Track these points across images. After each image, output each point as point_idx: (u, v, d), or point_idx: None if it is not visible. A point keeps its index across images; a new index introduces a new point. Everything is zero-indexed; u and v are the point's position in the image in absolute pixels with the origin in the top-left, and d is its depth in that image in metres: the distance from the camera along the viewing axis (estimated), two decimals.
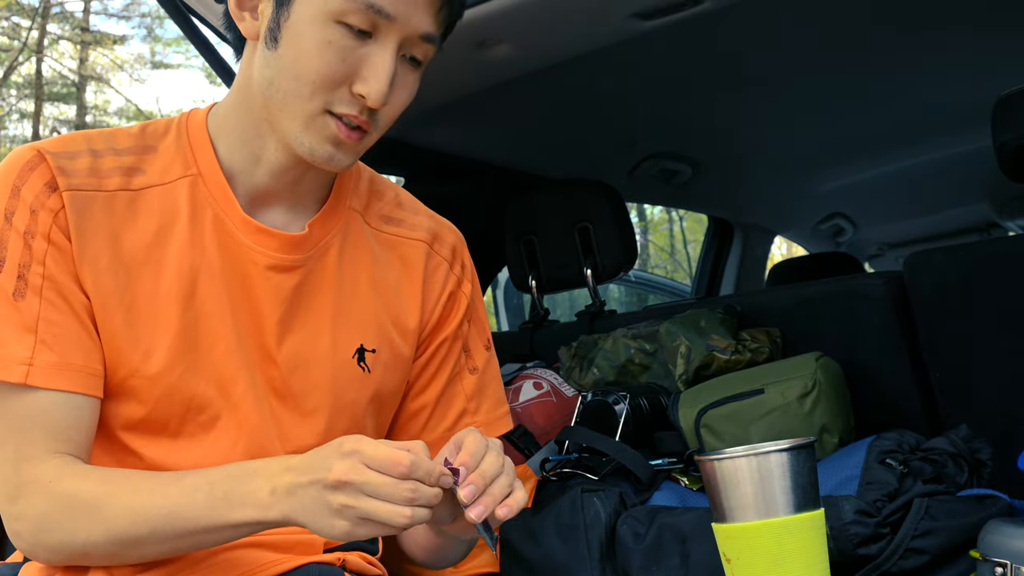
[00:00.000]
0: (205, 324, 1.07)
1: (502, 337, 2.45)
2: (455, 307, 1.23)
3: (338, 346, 1.13)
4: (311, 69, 1.01)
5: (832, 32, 2.03)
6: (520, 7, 1.53)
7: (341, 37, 1.01)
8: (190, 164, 1.10)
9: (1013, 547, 1.07)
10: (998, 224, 4.03)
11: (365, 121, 1.05)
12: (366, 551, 1.17)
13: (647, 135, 2.58)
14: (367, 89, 1.02)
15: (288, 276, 1.11)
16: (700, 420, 1.52)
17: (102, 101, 16.53)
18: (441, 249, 1.24)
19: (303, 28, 1.02)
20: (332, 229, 1.15)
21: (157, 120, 1.15)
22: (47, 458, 0.99)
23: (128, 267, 1.05)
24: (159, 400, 1.05)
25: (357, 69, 1.02)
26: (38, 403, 1.00)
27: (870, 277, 1.74)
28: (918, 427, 1.46)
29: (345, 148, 1.06)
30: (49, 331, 1.00)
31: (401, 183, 2.35)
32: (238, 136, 1.11)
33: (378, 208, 1.22)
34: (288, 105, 1.04)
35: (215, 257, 1.08)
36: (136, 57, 16.66)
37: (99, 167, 1.06)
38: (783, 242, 6.96)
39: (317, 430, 1.12)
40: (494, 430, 1.26)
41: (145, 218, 1.07)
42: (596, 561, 1.33)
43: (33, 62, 15.06)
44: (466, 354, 1.25)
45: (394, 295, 1.19)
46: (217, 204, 1.09)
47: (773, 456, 0.97)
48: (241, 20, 1.08)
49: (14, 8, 14.41)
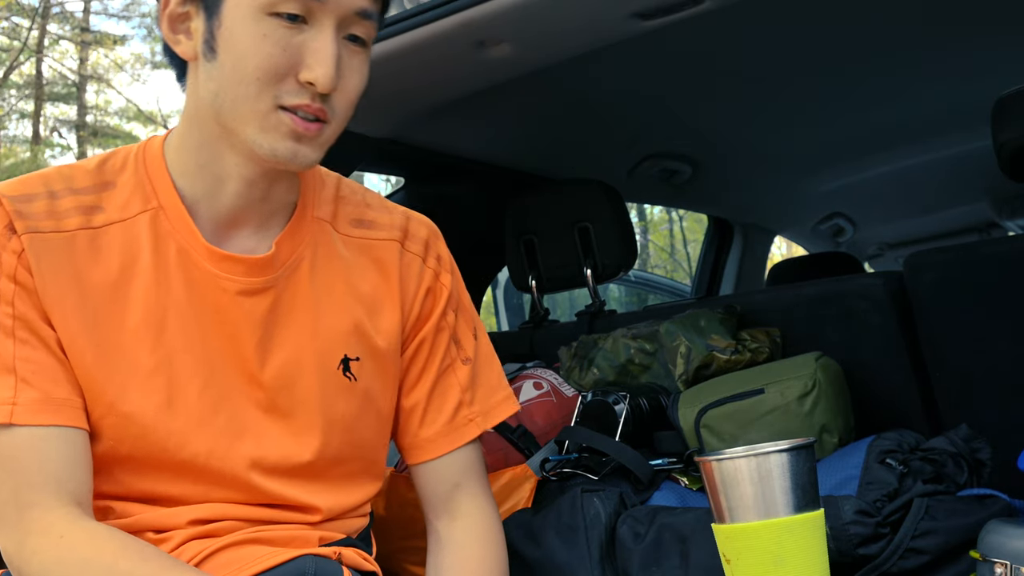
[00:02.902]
0: (180, 360, 1.07)
1: (502, 337, 2.45)
2: (435, 300, 1.23)
3: (322, 360, 1.13)
4: (252, 66, 1.00)
5: (832, 32, 2.03)
6: (520, 7, 1.52)
7: (276, 28, 1.00)
8: (150, 198, 1.09)
9: (1013, 547, 1.07)
10: (998, 224, 4.03)
11: (320, 109, 1.03)
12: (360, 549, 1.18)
13: (647, 135, 2.58)
14: (313, 75, 1.00)
15: (260, 298, 1.10)
16: (700, 420, 1.52)
17: (103, 101, 16.53)
18: (413, 245, 1.23)
19: (237, 29, 1.00)
20: (301, 243, 1.15)
21: (115, 152, 1.14)
22: (54, 506, 0.99)
23: (95, 307, 1.05)
24: (136, 440, 1.06)
25: (299, 57, 1.01)
26: (28, 442, 1.00)
27: (870, 277, 1.74)
28: (918, 427, 1.46)
29: (306, 142, 1.04)
30: (27, 369, 1.01)
31: (401, 183, 2.35)
32: (195, 161, 1.09)
33: (346, 213, 1.21)
34: (238, 110, 1.02)
35: (182, 291, 1.08)
36: (136, 57, 16.67)
37: (56, 208, 1.06)
38: (783, 242, 6.96)
39: (312, 446, 1.13)
40: (493, 417, 1.26)
41: (107, 256, 1.07)
42: (596, 561, 1.33)
43: (33, 62, 15.06)
44: (457, 345, 1.25)
45: (371, 299, 1.18)
46: (180, 236, 1.09)
47: (773, 456, 0.97)
48: (177, 44, 1.07)
49: (14, 8, 14.40)
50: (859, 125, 2.76)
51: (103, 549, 0.98)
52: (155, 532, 1.07)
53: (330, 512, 1.16)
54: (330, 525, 1.16)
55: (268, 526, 1.11)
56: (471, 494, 1.23)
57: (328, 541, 1.13)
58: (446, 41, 1.60)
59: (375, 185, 13.51)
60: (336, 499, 1.16)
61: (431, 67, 1.72)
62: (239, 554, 1.06)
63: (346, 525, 1.19)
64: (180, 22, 1.06)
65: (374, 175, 9.79)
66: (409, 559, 1.46)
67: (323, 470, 1.14)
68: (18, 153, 15.03)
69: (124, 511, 1.08)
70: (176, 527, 1.08)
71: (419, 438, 1.23)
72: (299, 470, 1.12)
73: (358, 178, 10.45)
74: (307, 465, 1.12)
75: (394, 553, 1.47)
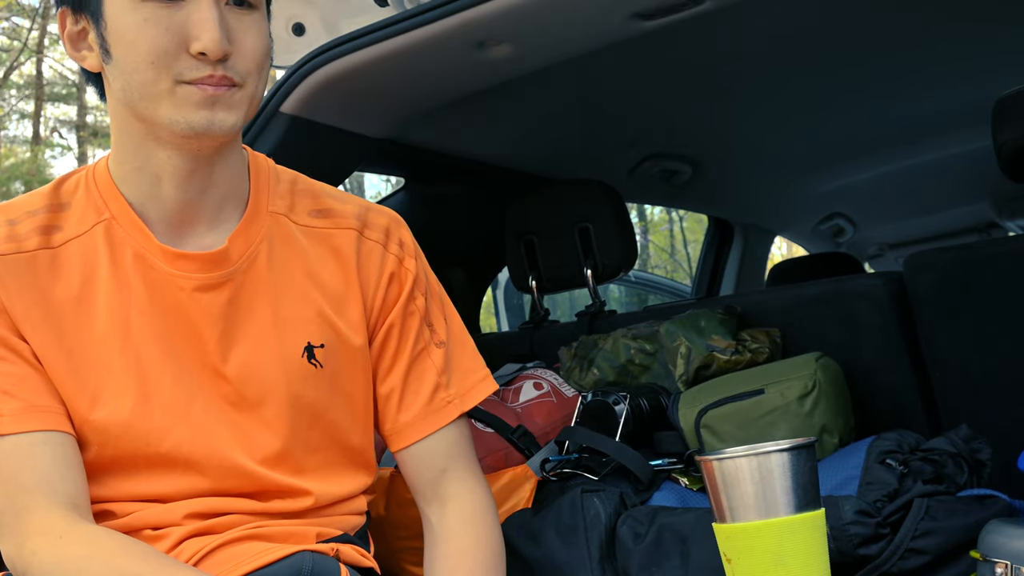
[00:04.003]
0: (147, 357, 1.10)
1: (502, 337, 2.45)
2: (400, 285, 1.23)
3: (285, 348, 1.14)
4: (143, 52, 1.02)
5: (832, 32, 2.03)
6: (520, 7, 1.52)
7: (154, 10, 1.02)
8: (102, 210, 1.12)
9: (1013, 547, 1.07)
10: (998, 224, 4.03)
11: (223, 77, 1.04)
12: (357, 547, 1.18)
13: (647, 135, 2.58)
14: (201, 44, 1.02)
15: (217, 293, 1.12)
16: (700, 420, 1.52)
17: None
18: (372, 232, 1.23)
19: (120, 24, 1.03)
20: (256, 236, 1.16)
21: (68, 175, 1.18)
22: (51, 509, 1.02)
23: (61, 320, 1.09)
24: (118, 439, 1.08)
25: (185, 32, 1.02)
26: (18, 448, 1.03)
27: (870, 277, 1.74)
28: (918, 427, 1.46)
29: (221, 106, 1.05)
30: (7, 382, 1.05)
31: (401, 183, 2.35)
32: (133, 164, 1.11)
33: (304, 205, 1.22)
34: (144, 97, 1.04)
35: (142, 293, 1.10)
36: None
37: (15, 233, 1.10)
38: (783, 242, 6.96)
39: (282, 434, 1.14)
40: (471, 399, 1.26)
41: (68, 272, 1.10)
42: (596, 561, 1.33)
43: (33, 62, 15.06)
44: (430, 329, 1.25)
45: (333, 288, 1.19)
46: (134, 241, 1.11)
47: (773, 456, 0.97)
48: (84, 60, 1.10)
49: (14, 8, 14.40)
50: (859, 125, 2.76)
51: (102, 548, 1.00)
52: (153, 529, 1.09)
53: (321, 497, 1.16)
54: (327, 520, 1.17)
55: (266, 521, 1.12)
56: (459, 477, 1.23)
57: (326, 538, 1.14)
58: (446, 41, 1.60)
59: (375, 185, 13.50)
60: (324, 486, 1.17)
61: (431, 67, 1.72)
62: (237, 551, 1.07)
63: (343, 522, 1.19)
64: (80, 39, 1.09)
65: (374, 175, 9.78)
66: (408, 559, 1.46)
67: (301, 459, 1.16)
68: (18, 153, 15.04)
69: (122, 512, 1.10)
70: (173, 523, 1.09)
71: (399, 423, 1.23)
72: (275, 459, 1.14)
73: (358, 178, 10.37)
74: (281, 454, 1.14)
75: (393, 553, 1.47)
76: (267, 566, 1.04)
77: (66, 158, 15.47)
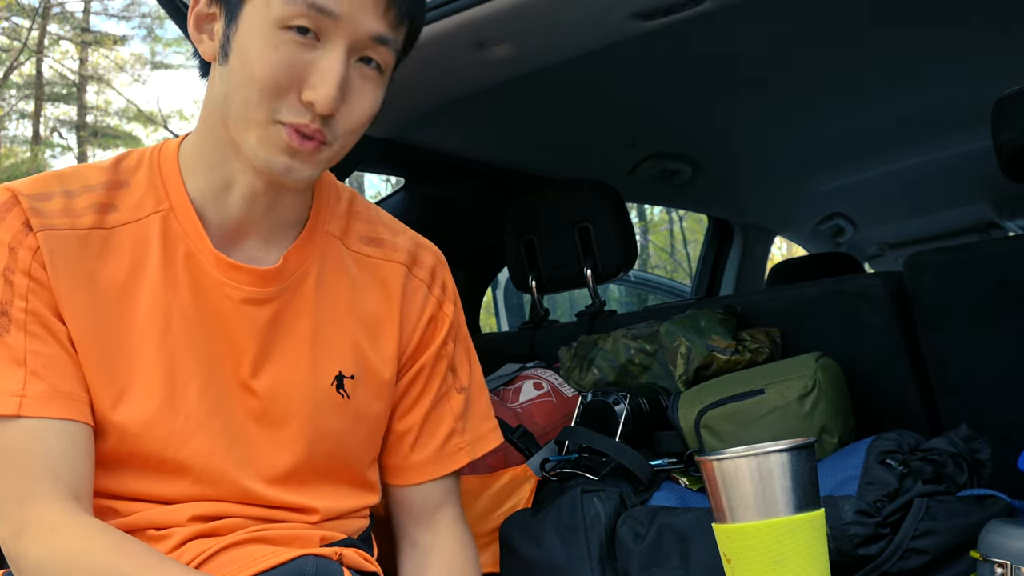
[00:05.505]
0: (180, 360, 1.08)
1: (502, 337, 2.45)
2: (436, 329, 1.24)
3: (317, 374, 1.14)
4: (258, 76, 1.00)
5: (832, 32, 2.03)
6: (520, 7, 1.53)
7: (287, 42, 1.00)
8: (162, 199, 1.10)
9: (1013, 547, 1.07)
10: (998, 224, 4.03)
11: (317, 130, 1.02)
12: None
13: (647, 135, 2.58)
14: (315, 95, 1.00)
15: (263, 308, 1.11)
16: (700, 420, 1.52)
17: (103, 102, 16.53)
18: (420, 271, 1.23)
19: (250, 38, 1.01)
20: (309, 257, 1.15)
21: (130, 152, 1.15)
22: (51, 499, 1.00)
23: (103, 305, 1.06)
24: (136, 438, 1.07)
25: (304, 75, 1.00)
26: (34, 433, 1.01)
27: (870, 277, 1.74)
28: (918, 427, 1.46)
29: (301, 158, 1.03)
30: (37, 362, 1.02)
31: (401, 183, 2.35)
32: (207, 162, 1.10)
33: (358, 230, 1.21)
34: (241, 117, 1.02)
35: (187, 294, 1.09)
36: (136, 58, 16.66)
37: (72, 207, 1.07)
38: (783, 242, 6.96)
39: (297, 455, 1.13)
40: (481, 447, 1.28)
41: (118, 256, 1.08)
42: (596, 561, 1.33)
43: (33, 62, 15.06)
44: (453, 374, 1.26)
45: (372, 319, 1.19)
46: (189, 240, 1.10)
47: (773, 456, 0.97)
48: (200, 43, 1.08)
49: (14, 8, 14.40)
50: (859, 125, 2.76)
51: (97, 542, 0.99)
52: (156, 529, 1.08)
53: (328, 512, 1.16)
54: (331, 525, 1.17)
55: (269, 525, 1.12)
56: (452, 515, 1.26)
57: (329, 541, 1.14)
58: (446, 41, 1.60)
59: (375, 185, 13.51)
60: (331, 503, 1.17)
61: (431, 67, 1.72)
62: (240, 553, 1.06)
63: (347, 525, 1.19)
64: (205, 22, 1.07)
65: (374, 175, 9.78)
66: None
67: (309, 480, 1.15)
68: (18, 153, 15.03)
69: (126, 510, 1.09)
70: (177, 524, 1.08)
71: (409, 461, 1.24)
72: (285, 478, 1.13)
73: (358, 178, 10.32)
74: (292, 474, 1.13)
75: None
76: (270, 570, 1.04)
77: (66, 158, 15.48)
